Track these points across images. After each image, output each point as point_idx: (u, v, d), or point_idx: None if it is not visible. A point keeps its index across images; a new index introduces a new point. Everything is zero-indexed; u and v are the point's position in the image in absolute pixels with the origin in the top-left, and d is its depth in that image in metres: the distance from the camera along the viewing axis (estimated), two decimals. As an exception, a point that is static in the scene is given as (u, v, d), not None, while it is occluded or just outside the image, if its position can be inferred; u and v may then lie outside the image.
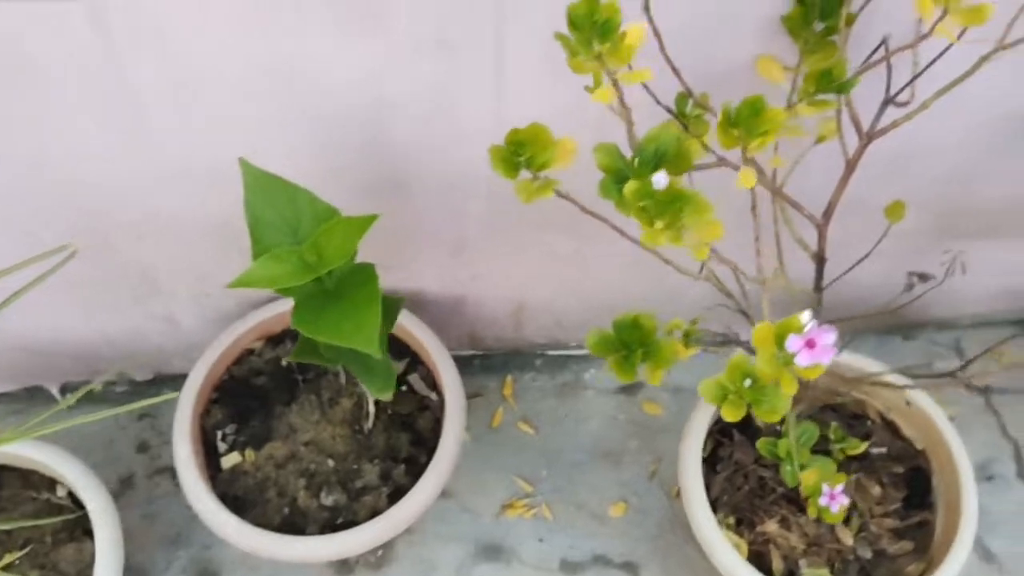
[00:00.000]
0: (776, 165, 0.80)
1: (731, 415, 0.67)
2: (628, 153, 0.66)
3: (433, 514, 1.11)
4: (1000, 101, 0.87)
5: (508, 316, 1.18)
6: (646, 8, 0.66)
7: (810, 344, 0.53)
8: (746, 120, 0.56)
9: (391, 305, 0.81)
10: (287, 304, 1.04)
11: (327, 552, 0.93)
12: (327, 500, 0.96)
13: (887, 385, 0.94)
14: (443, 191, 0.93)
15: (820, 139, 0.80)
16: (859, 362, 1.01)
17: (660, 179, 0.56)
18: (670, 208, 0.58)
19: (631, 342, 0.72)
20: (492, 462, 1.17)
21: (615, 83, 0.57)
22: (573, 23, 0.52)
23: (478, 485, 1.15)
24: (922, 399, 0.99)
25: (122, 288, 1.02)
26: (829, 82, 0.66)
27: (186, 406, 0.98)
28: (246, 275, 0.66)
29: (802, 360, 0.54)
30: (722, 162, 0.72)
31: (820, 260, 0.85)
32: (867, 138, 0.77)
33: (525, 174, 0.64)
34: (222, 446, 0.99)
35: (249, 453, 0.99)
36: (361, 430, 1.00)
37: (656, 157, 0.65)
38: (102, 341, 1.12)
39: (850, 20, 0.73)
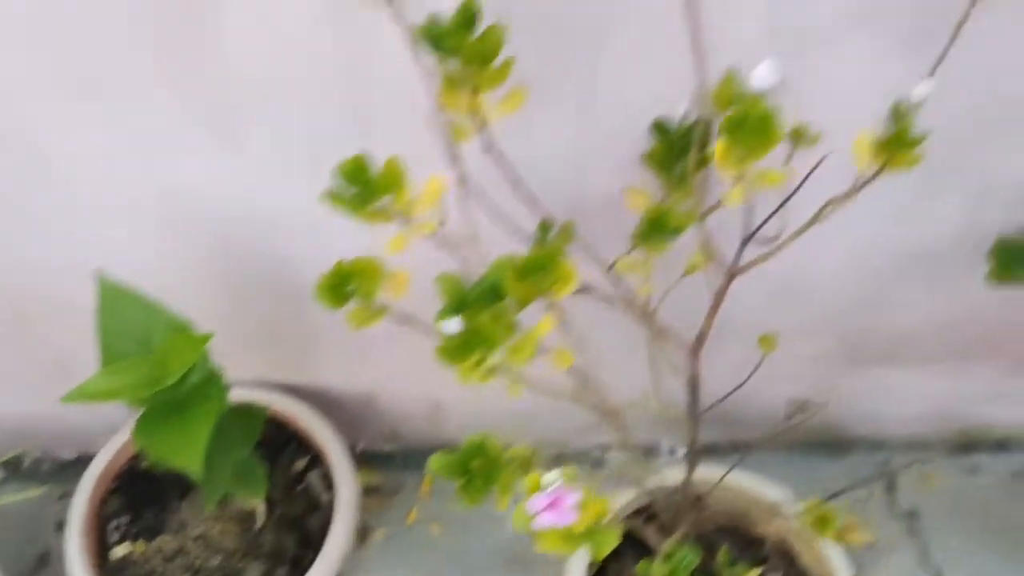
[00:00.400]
0: (646, 293, 0.81)
1: (560, 549, 0.67)
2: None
3: (334, 612, 1.11)
4: (880, 232, 0.87)
5: (424, 414, 1.19)
6: (488, 149, 0.68)
7: (554, 504, 0.54)
8: (535, 272, 0.57)
9: (251, 416, 0.83)
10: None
11: (205, 650, 0.94)
12: (207, 598, 0.97)
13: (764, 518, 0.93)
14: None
15: (689, 270, 0.80)
16: (755, 485, 1.00)
17: (452, 324, 0.57)
18: (479, 347, 0.60)
19: (473, 467, 0.73)
20: (401, 560, 1.17)
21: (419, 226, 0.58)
22: (347, 181, 0.54)
23: (383, 584, 1.15)
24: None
25: (37, 372, 1.04)
26: (662, 227, 0.67)
27: (82, 497, 1.00)
28: (83, 388, 0.68)
29: (543, 521, 0.54)
30: (583, 290, 0.73)
31: (693, 386, 0.86)
32: (730, 275, 0.78)
33: (354, 303, 0.65)
34: (114, 535, 1.01)
35: (140, 544, 1.00)
36: (251, 528, 1.00)
37: (496, 288, 0.67)
38: (26, 419, 1.15)
39: (703, 163, 0.75)
